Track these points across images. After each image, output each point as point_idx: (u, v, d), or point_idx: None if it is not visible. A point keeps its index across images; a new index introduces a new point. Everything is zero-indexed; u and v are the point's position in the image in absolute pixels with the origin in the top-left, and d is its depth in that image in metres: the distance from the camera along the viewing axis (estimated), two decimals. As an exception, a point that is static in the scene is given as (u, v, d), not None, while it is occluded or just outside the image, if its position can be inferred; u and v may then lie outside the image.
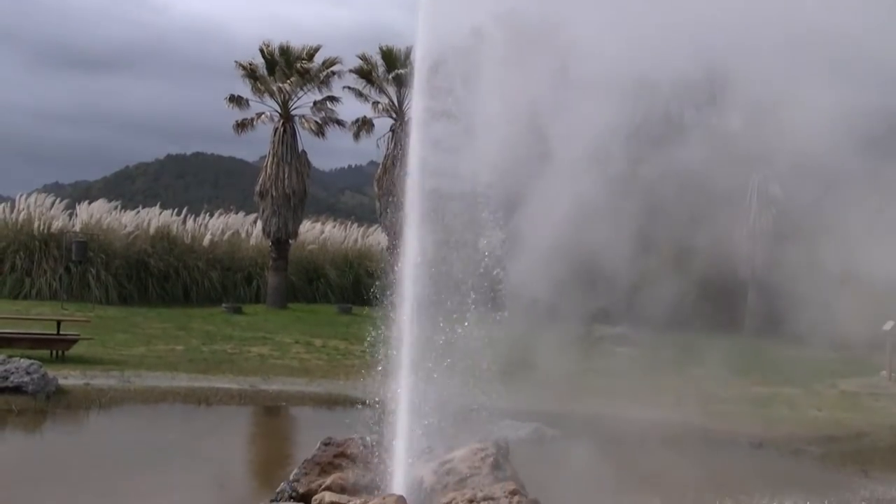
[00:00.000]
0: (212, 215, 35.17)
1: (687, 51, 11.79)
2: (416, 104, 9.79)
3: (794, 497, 10.82)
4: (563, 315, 13.15)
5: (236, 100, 32.82)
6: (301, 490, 8.99)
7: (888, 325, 22.08)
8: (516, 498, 8.65)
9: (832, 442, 14.52)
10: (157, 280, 31.50)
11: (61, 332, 19.23)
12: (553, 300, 11.76)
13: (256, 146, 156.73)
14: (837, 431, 15.18)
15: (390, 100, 33.87)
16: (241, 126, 32.93)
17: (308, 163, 33.03)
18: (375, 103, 33.99)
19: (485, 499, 8.66)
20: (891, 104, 12.35)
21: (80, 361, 18.08)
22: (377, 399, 9.23)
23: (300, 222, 33.17)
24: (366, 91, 33.84)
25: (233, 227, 35.08)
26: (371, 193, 38.55)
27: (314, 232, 36.97)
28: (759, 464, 13.19)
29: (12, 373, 14.63)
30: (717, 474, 11.62)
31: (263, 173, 32.57)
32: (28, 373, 14.66)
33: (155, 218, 33.15)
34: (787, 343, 22.32)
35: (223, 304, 30.24)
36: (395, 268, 9.42)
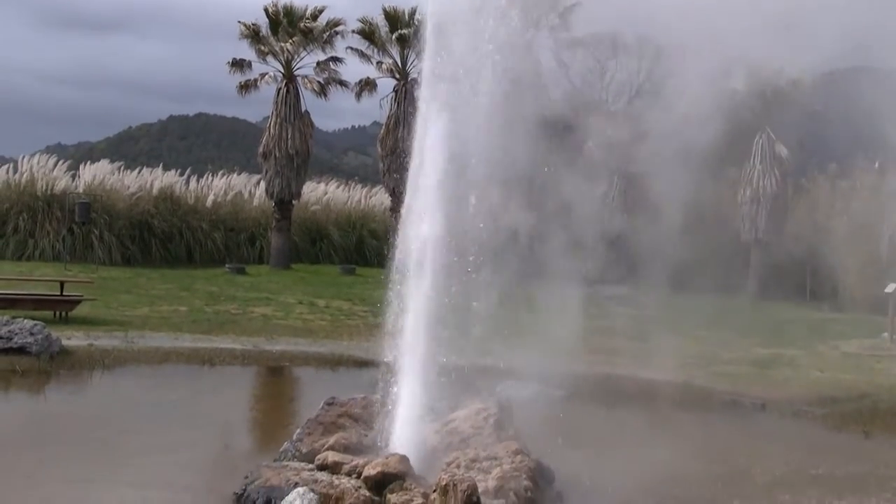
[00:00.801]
0: (215, 176, 35.10)
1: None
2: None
3: (796, 457, 10.86)
4: (565, 276, 13.12)
5: (238, 64, 32.68)
6: (304, 450, 9.01)
7: (891, 287, 22.05)
8: (519, 457, 8.68)
9: (834, 403, 14.53)
10: (161, 241, 31.50)
11: (65, 293, 19.25)
12: (556, 261, 11.73)
13: (260, 107, 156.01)
14: (839, 393, 15.18)
15: (393, 60, 33.69)
16: (245, 87, 32.81)
17: (311, 123, 32.91)
18: (379, 63, 33.80)
19: (487, 458, 8.68)
20: None
21: (84, 322, 18.10)
22: (380, 359, 9.23)
23: (303, 183, 33.09)
24: (369, 52, 33.65)
25: (236, 188, 35.03)
26: (374, 154, 38.47)
27: (317, 192, 36.91)
28: (761, 425, 13.22)
29: (16, 333, 14.65)
30: (718, 435, 11.64)
31: (266, 134, 32.47)
32: (32, 333, 14.68)
33: (158, 179, 33.09)
34: (790, 304, 22.38)
35: (226, 265, 30.25)
36: (400, 229, 9.36)
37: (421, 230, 9.29)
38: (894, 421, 13.46)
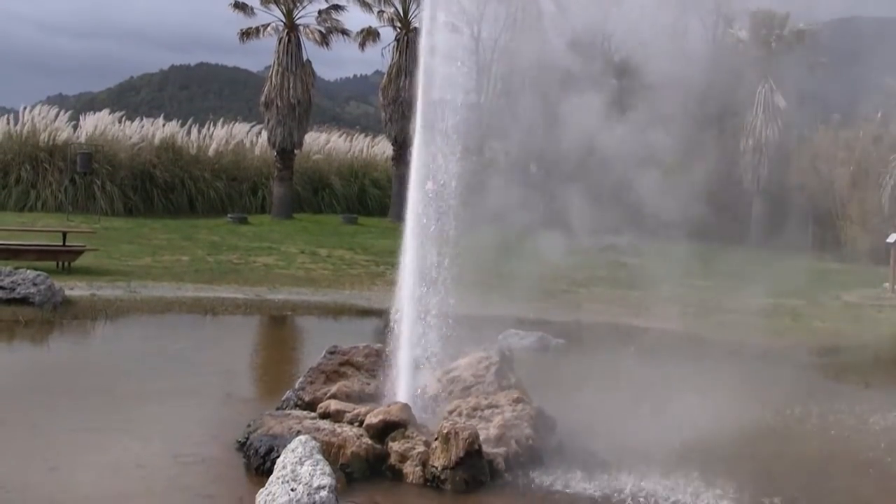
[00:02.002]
0: (217, 126, 34.96)
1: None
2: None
3: (796, 406, 10.88)
4: (568, 226, 13.08)
5: (241, 6, 32.46)
6: (306, 398, 9.03)
7: (892, 237, 22.02)
8: (520, 406, 8.70)
9: (834, 353, 14.55)
10: (163, 191, 31.47)
11: (67, 244, 19.25)
12: (558, 211, 11.68)
13: (261, 56, 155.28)
14: (840, 342, 15.20)
15: (396, 9, 33.44)
16: (246, 34, 32.64)
17: (313, 72, 32.74)
18: (380, 13, 33.57)
19: (489, 406, 8.71)
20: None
21: (87, 272, 18.11)
22: (382, 308, 9.24)
23: (305, 132, 32.97)
24: (371, 0, 33.39)
25: (238, 138, 34.93)
26: (376, 103, 38.33)
27: (319, 142, 36.81)
28: (762, 374, 13.23)
29: (19, 284, 14.65)
30: (718, 384, 11.64)
31: (268, 83, 32.30)
32: (35, 284, 14.69)
33: (159, 129, 33.01)
34: (791, 254, 22.32)
35: (228, 215, 30.23)
36: (402, 178, 9.34)
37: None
38: (895, 371, 13.49)
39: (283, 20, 32.45)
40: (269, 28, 32.46)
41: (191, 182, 32.27)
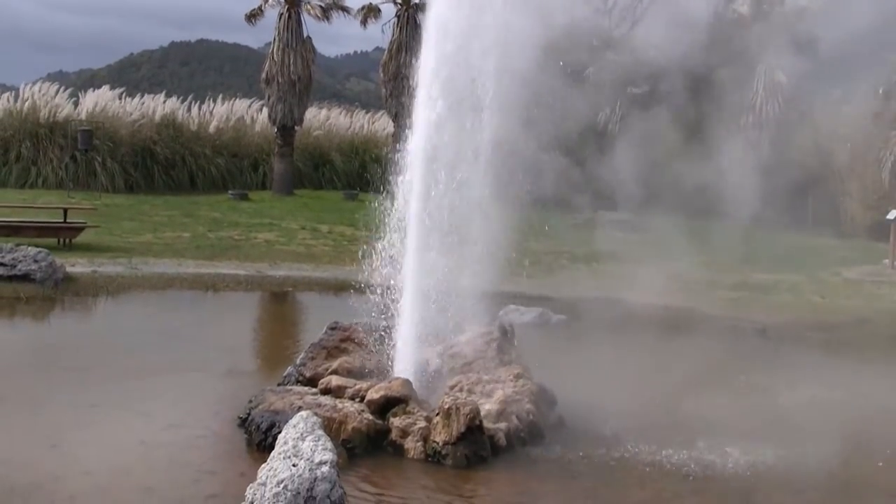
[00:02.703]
0: (217, 102, 34.84)
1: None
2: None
3: (796, 381, 10.87)
4: (566, 201, 13.06)
5: (240, -17, 32.32)
6: (307, 374, 9.02)
7: (892, 214, 21.98)
8: (521, 381, 8.70)
9: (834, 328, 14.54)
10: (163, 167, 31.39)
11: (68, 221, 19.22)
12: (556, 186, 11.64)
13: (262, 32, 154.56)
14: (839, 318, 15.19)
15: (397, -15, 33.30)
16: (252, 16, 32.54)
17: (313, 49, 32.59)
18: (381, -12, 33.43)
19: (490, 382, 8.70)
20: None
21: (88, 249, 18.09)
22: (383, 284, 9.22)
23: (306, 108, 32.85)
24: (371, -24, 33.27)
25: (238, 114, 34.82)
26: (377, 79, 38.17)
27: (320, 118, 36.70)
28: (761, 350, 13.24)
29: (20, 261, 14.62)
30: (718, 359, 11.64)
31: (269, 60, 32.16)
32: (36, 261, 14.65)
33: (160, 105, 32.90)
34: (791, 230, 22.29)
35: (229, 191, 30.18)
36: (402, 152, 9.29)
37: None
38: (894, 347, 13.47)
39: (284, -4, 32.33)
40: (269, 2, 32.30)
41: (191, 159, 32.19)
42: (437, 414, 7.76)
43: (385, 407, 8.06)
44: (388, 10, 33.81)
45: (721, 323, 14.48)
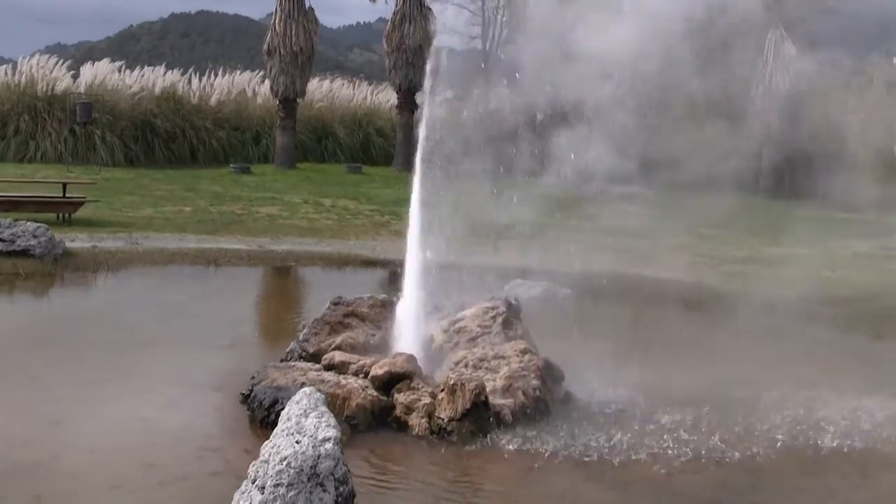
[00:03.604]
0: (218, 74, 34.74)
1: None
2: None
3: (806, 358, 10.85)
4: (572, 174, 13.00)
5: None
6: (311, 350, 9.02)
7: (905, 186, 21.88)
8: (527, 356, 8.69)
9: (844, 303, 14.46)
10: (164, 141, 31.33)
11: (67, 195, 19.18)
12: (564, 159, 11.60)
13: (262, 3, 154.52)
14: (850, 293, 15.12)
15: (399, -46, 33.14)
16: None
17: (315, 20, 32.46)
18: (384, -42, 33.30)
19: (495, 357, 8.70)
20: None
21: (87, 224, 18.08)
22: (387, 258, 9.22)
23: (308, 80, 32.75)
24: (374, -55, 33.14)
25: (239, 87, 34.73)
26: (380, 50, 38.09)
27: (322, 90, 36.57)
28: (770, 325, 13.20)
29: (19, 236, 14.60)
30: (728, 335, 11.63)
31: (270, 31, 32.06)
32: (35, 236, 14.63)
33: (160, 78, 32.79)
34: (801, 203, 22.25)
35: (231, 165, 30.14)
36: (407, 126, 9.29)
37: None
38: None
39: (285, -35, 32.17)
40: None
41: (192, 132, 32.12)
42: (442, 390, 7.76)
43: (389, 383, 8.06)
44: (392, -20, 33.69)
45: (729, 297, 14.45)
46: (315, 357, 8.89)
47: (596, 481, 6.98)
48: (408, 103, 31.98)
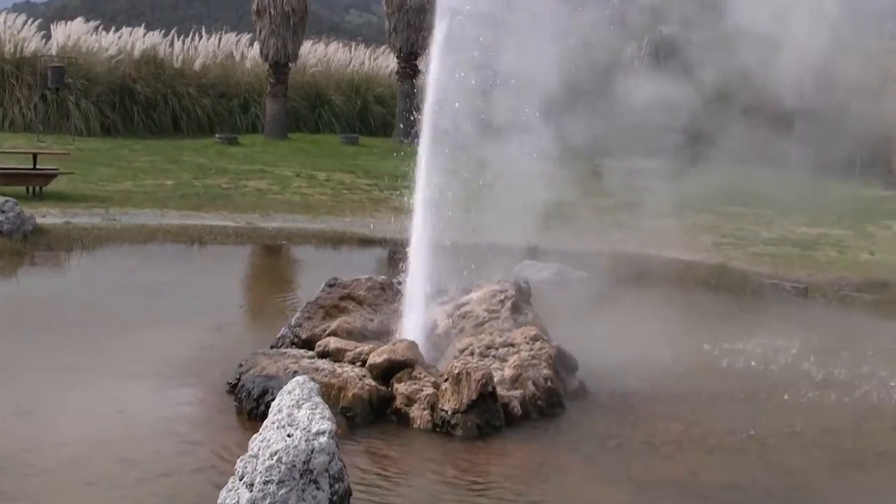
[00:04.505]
0: (203, 36, 34.63)
1: None
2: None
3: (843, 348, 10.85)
4: (589, 147, 12.99)
5: None
6: (303, 335, 9.03)
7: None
8: (538, 344, 8.69)
9: (885, 288, 14.46)
10: (144, 108, 31.26)
11: (38, 167, 19.15)
12: (577, 130, 11.59)
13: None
14: (890, 276, 15.11)
15: None
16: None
17: (309, -23, 32.38)
18: None
19: (504, 345, 8.70)
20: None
21: (60, 198, 18.08)
22: (388, 237, 9.23)
23: (301, 43, 32.64)
24: None
25: (226, 50, 34.62)
26: (379, 12, 37.99)
27: (317, 54, 36.46)
28: (803, 311, 13.20)
29: (-16, 211, 14.60)
30: (755, 322, 11.63)
31: (260, -12, 31.94)
32: (2, 211, 14.61)
33: (140, 40, 32.68)
34: (837, 179, 22.18)
35: (216, 135, 30.09)
36: (408, 94, 9.29)
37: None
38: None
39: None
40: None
41: (175, 99, 32.05)
42: (446, 380, 7.76)
43: (389, 372, 8.06)
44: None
45: (758, 281, 14.45)
46: (308, 343, 8.89)
47: (612, 481, 6.98)
48: (409, 69, 31.91)
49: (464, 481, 6.88)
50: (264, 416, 6.00)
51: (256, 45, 32.60)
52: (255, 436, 5.72)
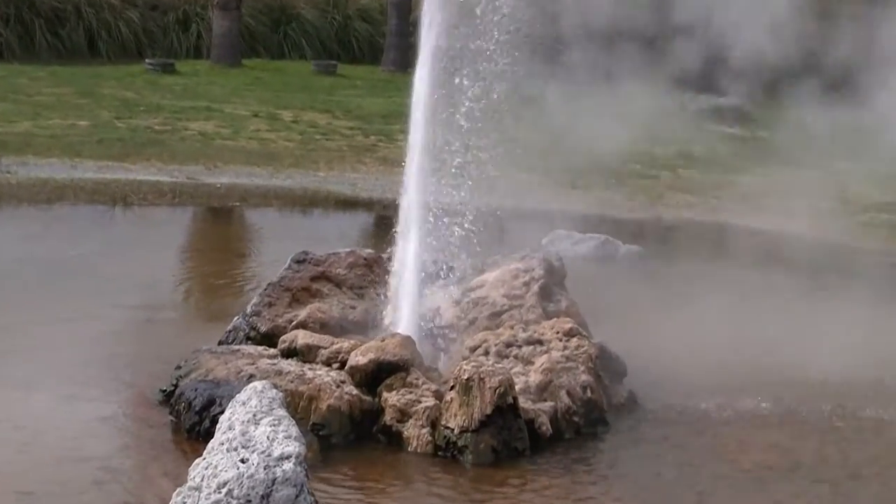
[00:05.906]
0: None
1: None
2: None
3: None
4: (645, 79, 12.98)
5: None
6: (263, 328, 9.03)
7: None
8: (574, 341, 8.69)
9: None
10: (49, 23, 31.23)
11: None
12: (630, 57, 11.58)
13: None
14: None
15: None
16: None
17: None
18: None
19: (529, 342, 8.70)
20: None
21: (-66, 142, 18.14)
22: (373, 197, 9.23)
23: (259, -64, 32.70)
24: None
25: (159, -53, 34.66)
26: None
27: (280, -46, 36.48)
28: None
29: None
30: (863, 316, 11.60)
31: None
32: None
33: (43, -68, 32.71)
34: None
35: (147, 60, 30.06)
36: (402, 7, 9.30)
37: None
38: None
39: None
40: None
41: (90, 11, 32.00)
42: (452, 387, 7.76)
43: (376, 376, 8.07)
44: None
45: (868, 260, 14.44)
46: (269, 338, 8.90)
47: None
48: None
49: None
50: (210, 434, 6.01)
51: (200, -61, 32.60)
52: (197, 461, 5.72)
